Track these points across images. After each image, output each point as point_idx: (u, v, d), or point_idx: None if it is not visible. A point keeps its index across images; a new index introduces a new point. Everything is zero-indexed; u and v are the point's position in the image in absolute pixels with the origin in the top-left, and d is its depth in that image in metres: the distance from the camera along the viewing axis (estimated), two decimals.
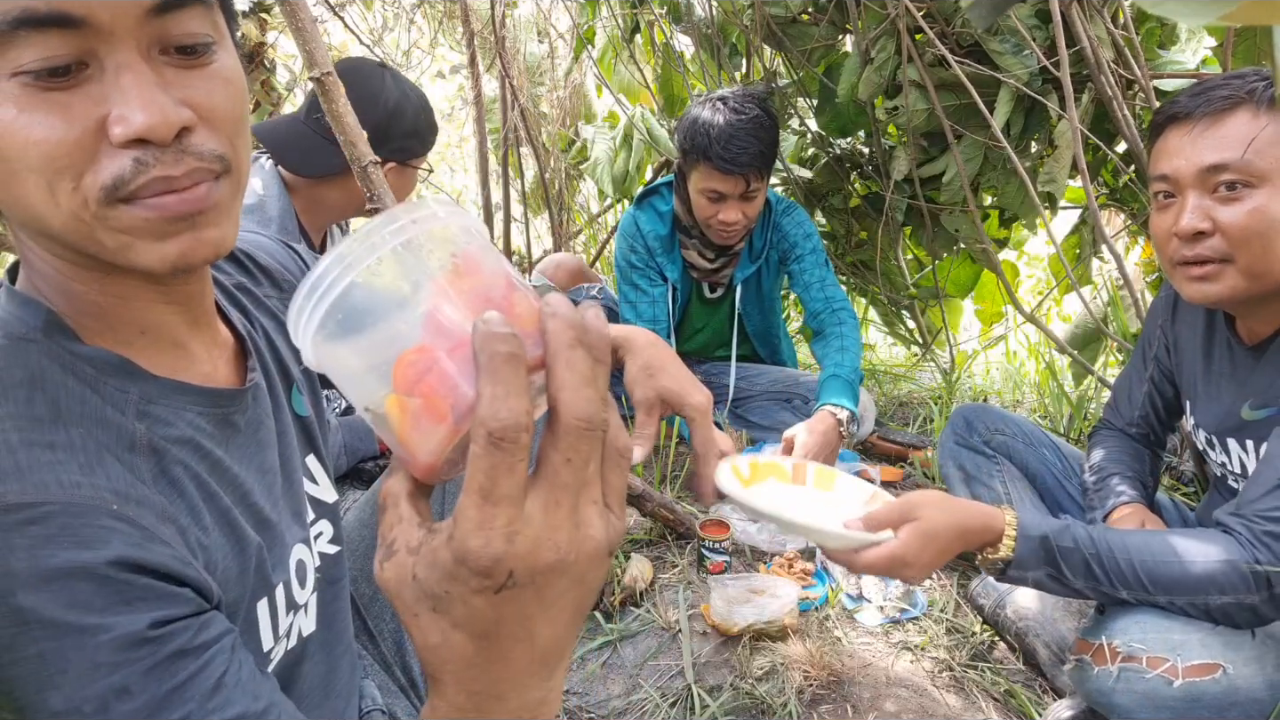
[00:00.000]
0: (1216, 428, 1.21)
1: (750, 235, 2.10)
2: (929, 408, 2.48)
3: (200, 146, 0.54)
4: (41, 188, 0.51)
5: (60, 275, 0.58)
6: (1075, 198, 2.35)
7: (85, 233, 0.53)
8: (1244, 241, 1.04)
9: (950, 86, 1.98)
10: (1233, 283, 1.06)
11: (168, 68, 0.53)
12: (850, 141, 2.55)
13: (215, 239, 0.57)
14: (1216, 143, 1.04)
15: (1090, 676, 1.08)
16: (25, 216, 0.54)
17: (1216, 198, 1.05)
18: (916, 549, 0.99)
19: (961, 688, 1.33)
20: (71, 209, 0.52)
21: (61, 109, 0.50)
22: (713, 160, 1.82)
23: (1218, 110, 1.05)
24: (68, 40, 0.49)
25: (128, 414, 0.57)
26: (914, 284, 2.66)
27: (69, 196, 0.51)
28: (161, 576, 0.51)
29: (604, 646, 1.44)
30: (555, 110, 3.55)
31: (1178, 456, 1.94)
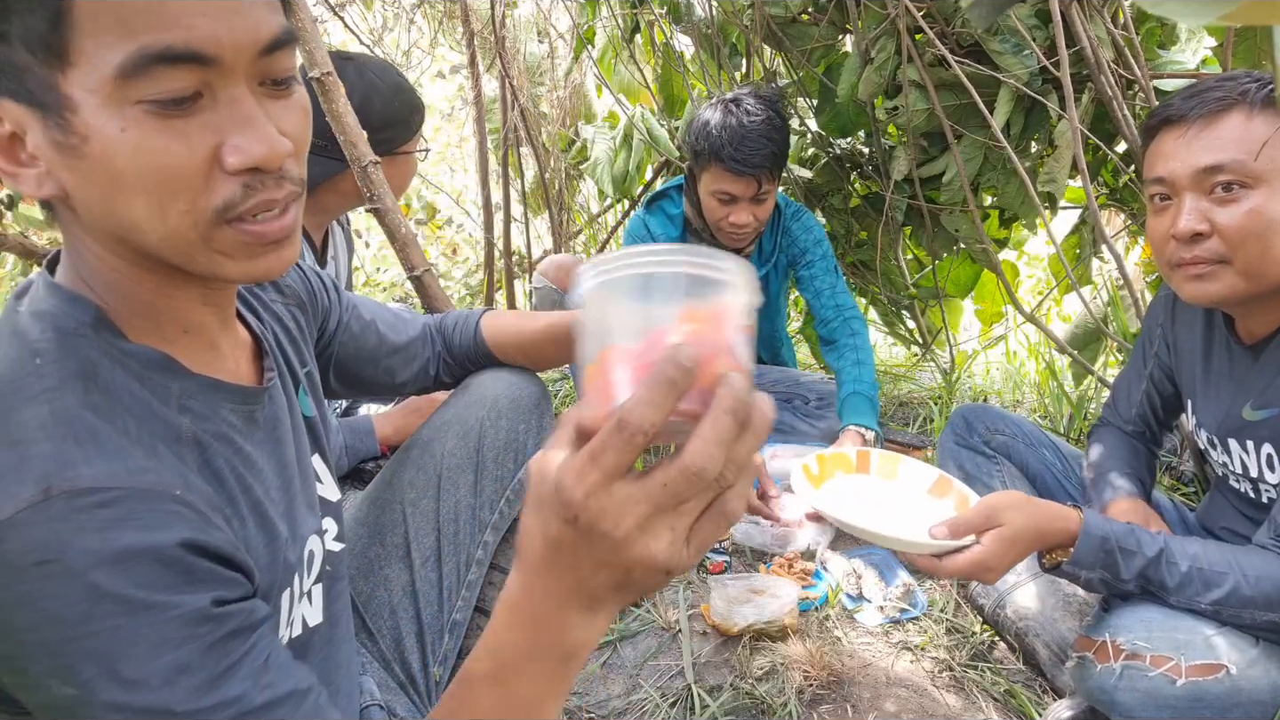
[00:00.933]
0: (1217, 428, 1.20)
1: (760, 238, 2.09)
2: (929, 407, 2.48)
3: (292, 172, 0.61)
4: (152, 206, 0.56)
5: (115, 274, 0.62)
6: (1075, 198, 2.35)
7: (182, 248, 0.58)
8: (1241, 242, 1.04)
9: (950, 86, 1.98)
10: (1231, 283, 1.06)
11: (265, 99, 0.59)
12: (850, 141, 2.55)
13: (290, 257, 0.63)
14: (1212, 144, 1.04)
15: (1092, 674, 1.07)
16: (119, 227, 0.58)
17: (1213, 199, 1.05)
18: (1000, 554, 1.02)
19: (961, 688, 1.33)
20: (179, 228, 0.57)
21: (182, 136, 0.54)
22: (724, 162, 1.81)
23: (1212, 112, 1.04)
24: (193, 74, 0.54)
25: (171, 408, 0.61)
26: (914, 284, 2.65)
27: (180, 216, 0.56)
28: (219, 560, 0.55)
29: (604, 646, 1.44)
30: (555, 110, 3.54)
31: (1177, 456, 1.94)
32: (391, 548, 0.98)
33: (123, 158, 0.54)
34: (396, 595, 0.98)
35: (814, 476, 1.16)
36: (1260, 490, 1.16)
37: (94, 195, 0.56)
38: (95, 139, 0.53)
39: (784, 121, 1.87)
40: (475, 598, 1.02)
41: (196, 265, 0.60)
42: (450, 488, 1.01)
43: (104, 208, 0.57)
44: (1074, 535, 1.05)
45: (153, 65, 0.52)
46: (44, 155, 0.55)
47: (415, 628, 0.97)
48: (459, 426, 1.03)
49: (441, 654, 0.99)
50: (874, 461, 1.24)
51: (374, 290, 4.26)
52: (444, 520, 1.00)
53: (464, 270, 4.45)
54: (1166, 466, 1.93)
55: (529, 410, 1.07)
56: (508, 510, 1.05)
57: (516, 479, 1.06)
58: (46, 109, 0.53)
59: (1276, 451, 1.10)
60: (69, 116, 0.53)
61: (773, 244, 2.12)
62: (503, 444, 1.04)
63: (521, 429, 1.06)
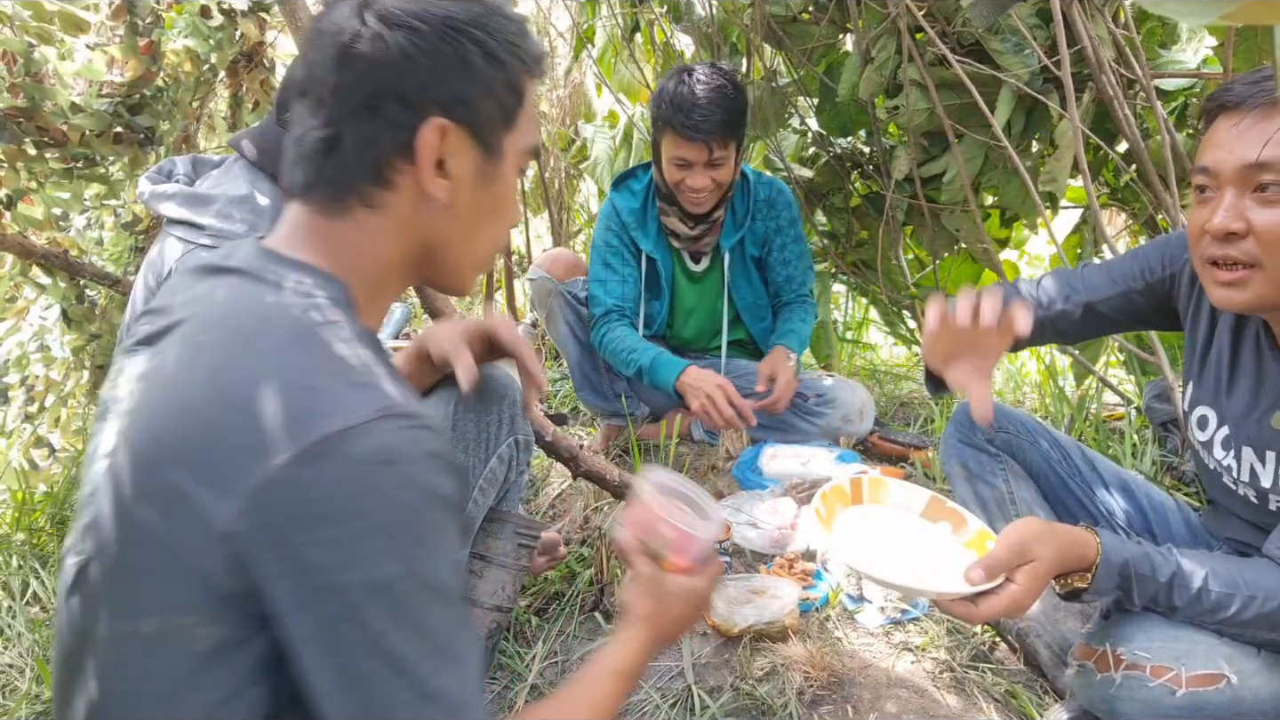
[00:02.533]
0: (1233, 430, 1.17)
1: (731, 203, 2.14)
2: (930, 408, 2.48)
3: None
4: (499, 233, 0.83)
5: (383, 270, 0.76)
6: (1076, 197, 2.35)
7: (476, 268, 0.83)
8: (1277, 247, 0.97)
9: (951, 86, 1.98)
10: (1260, 290, 1.01)
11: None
12: (851, 141, 2.55)
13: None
14: (1262, 139, 0.96)
15: (1092, 683, 1.07)
16: (462, 239, 0.79)
17: (1255, 198, 0.98)
18: (1034, 590, 0.99)
19: (962, 688, 1.33)
20: (491, 254, 0.85)
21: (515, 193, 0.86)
22: (676, 128, 1.90)
23: (1269, 102, 0.96)
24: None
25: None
26: (915, 283, 2.65)
27: (497, 248, 0.86)
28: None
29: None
30: (555, 109, 3.54)
31: (1179, 456, 1.94)
32: None
33: (506, 200, 0.81)
34: None
35: (823, 518, 1.14)
36: (1269, 500, 1.14)
37: (473, 213, 0.78)
38: (500, 180, 0.79)
39: (738, 90, 1.94)
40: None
41: (464, 275, 0.83)
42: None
43: (471, 224, 0.78)
44: (1091, 561, 1.02)
45: (534, 154, 0.82)
46: (460, 177, 0.74)
47: None
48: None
49: None
50: (864, 489, 1.22)
51: None
52: None
53: None
54: (1167, 467, 1.92)
55: (496, 402, 1.10)
56: (481, 499, 1.08)
57: (488, 468, 1.09)
58: (490, 151, 0.76)
59: None
60: (498, 161, 0.77)
61: (745, 208, 2.16)
62: (472, 437, 1.08)
63: (489, 420, 1.10)
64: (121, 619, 0.63)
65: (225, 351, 0.64)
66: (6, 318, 2.38)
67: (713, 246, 2.20)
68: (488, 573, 1.08)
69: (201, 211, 1.42)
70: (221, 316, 0.67)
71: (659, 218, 2.15)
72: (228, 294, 0.69)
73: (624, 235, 2.15)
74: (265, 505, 0.59)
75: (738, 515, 1.74)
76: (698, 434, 2.26)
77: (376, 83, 0.69)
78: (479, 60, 0.71)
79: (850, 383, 2.20)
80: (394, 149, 0.71)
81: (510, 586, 1.10)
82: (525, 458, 1.13)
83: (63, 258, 2.17)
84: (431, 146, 0.71)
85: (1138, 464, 1.91)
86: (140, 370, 0.69)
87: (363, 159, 0.71)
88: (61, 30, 1.96)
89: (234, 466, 0.59)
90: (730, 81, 1.93)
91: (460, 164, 0.73)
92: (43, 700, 1.42)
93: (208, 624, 0.62)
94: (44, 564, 1.80)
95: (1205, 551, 1.08)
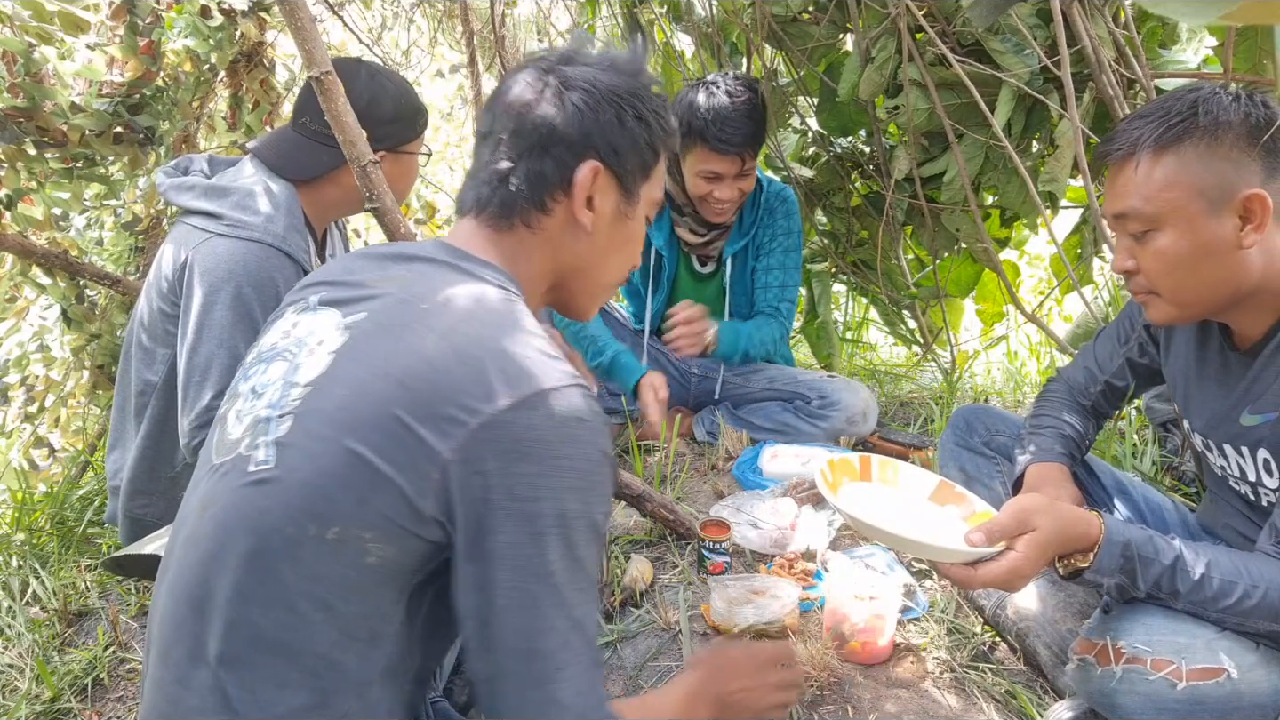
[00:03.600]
0: (1213, 433, 1.20)
1: (741, 212, 2.16)
2: (930, 408, 2.48)
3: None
4: (622, 266, 1.00)
5: (534, 284, 0.94)
6: (1076, 197, 2.35)
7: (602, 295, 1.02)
8: (1158, 278, 1.10)
9: (951, 85, 1.97)
10: (1168, 310, 1.13)
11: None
12: (851, 140, 2.54)
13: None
14: (1118, 192, 1.11)
15: (1093, 677, 1.07)
16: (590, 269, 0.96)
17: (1134, 239, 1.11)
18: (1033, 560, 1.01)
19: (962, 688, 1.33)
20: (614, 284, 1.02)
21: (643, 237, 1.02)
22: (709, 142, 1.90)
23: (1116, 160, 1.11)
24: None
25: None
26: (915, 283, 2.65)
27: (620, 279, 1.02)
28: None
29: (604, 647, 1.43)
30: None
31: (1178, 457, 1.94)
32: None
33: (632, 234, 0.98)
34: None
35: (829, 482, 1.15)
36: (1260, 494, 1.16)
37: (608, 245, 0.95)
38: (633, 220, 0.96)
39: (763, 101, 1.96)
40: None
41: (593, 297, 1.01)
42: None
43: (605, 253, 0.96)
44: (1095, 541, 1.03)
45: (659, 203, 1.00)
46: (603, 212, 0.92)
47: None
48: None
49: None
50: (874, 468, 1.25)
51: None
52: None
53: None
54: (1168, 467, 1.92)
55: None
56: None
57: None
58: (629, 195, 0.94)
59: (1273, 457, 1.10)
60: (634, 204, 0.95)
61: (753, 217, 2.17)
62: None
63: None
64: (309, 522, 0.73)
65: (452, 317, 0.79)
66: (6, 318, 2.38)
67: (719, 252, 2.21)
68: None
69: (220, 202, 1.48)
70: (439, 290, 0.82)
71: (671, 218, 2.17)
72: (438, 276, 0.85)
73: None
74: (485, 440, 0.72)
75: (738, 515, 1.74)
76: (699, 434, 2.26)
77: (552, 129, 0.88)
78: (632, 122, 0.91)
79: (853, 383, 2.20)
80: (557, 182, 0.89)
81: None
82: None
83: (63, 258, 2.17)
84: (586, 183, 0.89)
85: (1137, 464, 1.90)
86: (344, 322, 0.82)
87: (531, 187, 0.89)
88: (61, 30, 1.95)
89: (462, 406, 0.72)
90: (754, 90, 1.95)
91: (604, 201, 0.92)
92: (42, 700, 1.42)
93: (382, 542, 0.73)
94: (44, 564, 1.80)
95: (1207, 543, 1.09)
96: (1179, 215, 1.05)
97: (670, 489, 1.93)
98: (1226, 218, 1.04)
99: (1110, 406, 1.46)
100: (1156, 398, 2.07)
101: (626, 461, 2.10)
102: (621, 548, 1.69)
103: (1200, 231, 1.05)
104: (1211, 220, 1.04)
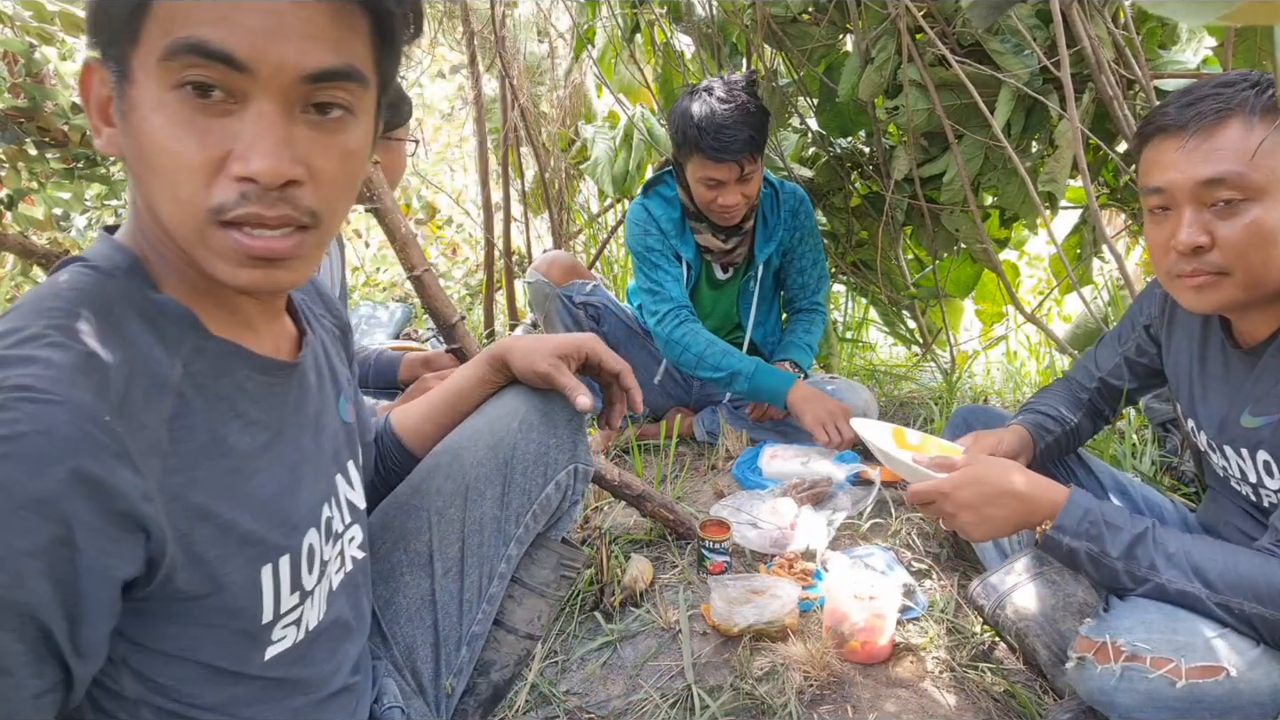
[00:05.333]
0: (1215, 434, 1.20)
1: (764, 215, 2.16)
2: (929, 408, 2.48)
3: (299, 200, 0.62)
4: (164, 187, 0.61)
5: (161, 239, 0.66)
6: (1076, 197, 2.35)
7: (185, 235, 0.62)
8: (1242, 255, 1.02)
9: (951, 86, 1.97)
10: (1231, 294, 1.06)
11: (302, 126, 0.61)
12: (851, 141, 2.54)
13: (287, 280, 0.65)
14: (1211, 156, 1.02)
15: (1092, 675, 1.07)
16: (146, 197, 0.63)
17: (1213, 211, 1.03)
18: (957, 486, 1.13)
19: (962, 688, 1.33)
20: (181, 215, 0.61)
21: (200, 133, 0.59)
22: (705, 151, 1.89)
23: (1211, 123, 1.02)
24: (227, 75, 0.58)
25: (174, 357, 0.63)
26: (914, 284, 2.65)
27: (184, 205, 0.61)
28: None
29: (604, 647, 1.44)
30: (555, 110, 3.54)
31: (1178, 457, 1.94)
32: (414, 554, 0.96)
33: (148, 135, 0.59)
34: (415, 603, 0.96)
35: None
36: (1261, 495, 1.16)
37: (133, 164, 0.63)
38: (136, 113, 0.60)
39: (758, 102, 1.95)
40: (495, 611, 1.01)
41: (195, 255, 0.63)
42: (477, 499, 0.98)
43: (138, 176, 0.63)
44: (1057, 507, 1.08)
45: (189, 54, 0.57)
46: (117, 119, 0.63)
47: (431, 637, 0.96)
48: (489, 436, 1.00)
49: (457, 665, 0.98)
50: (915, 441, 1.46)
51: (374, 290, 4.26)
52: (469, 531, 0.97)
53: (464, 270, 4.45)
54: (1167, 467, 1.92)
55: (562, 426, 1.03)
56: (533, 524, 1.02)
57: (544, 493, 1.02)
58: (121, 78, 0.61)
59: (1274, 459, 1.10)
60: (128, 88, 0.60)
61: (776, 219, 2.18)
62: (533, 458, 1.01)
63: (553, 444, 1.02)
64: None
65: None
66: None
67: (744, 257, 2.21)
68: (526, 600, 1.03)
69: None
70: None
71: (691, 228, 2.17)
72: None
73: (665, 241, 2.15)
74: None
75: (738, 515, 1.74)
76: (699, 434, 2.26)
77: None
78: None
79: (854, 384, 2.20)
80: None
81: (546, 615, 1.06)
82: (581, 487, 1.07)
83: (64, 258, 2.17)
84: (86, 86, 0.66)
85: (1137, 464, 1.91)
86: None
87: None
88: (62, 30, 1.96)
89: None
90: (750, 94, 1.94)
91: (116, 103, 0.63)
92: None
93: None
94: None
95: (1189, 534, 1.10)
96: (1278, 186, 1.00)
97: (670, 489, 1.93)
98: None
99: (1107, 406, 1.46)
100: (1156, 397, 2.07)
101: (627, 461, 2.11)
102: (622, 547, 1.69)
103: None
104: None
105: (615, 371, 1.06)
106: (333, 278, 1.71)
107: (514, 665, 1.03)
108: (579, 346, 1.04)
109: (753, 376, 2.02)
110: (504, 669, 1.02)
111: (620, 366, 1.06)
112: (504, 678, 1.02)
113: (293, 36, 0.59)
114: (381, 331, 2.98)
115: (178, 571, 0.60)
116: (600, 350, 1.05)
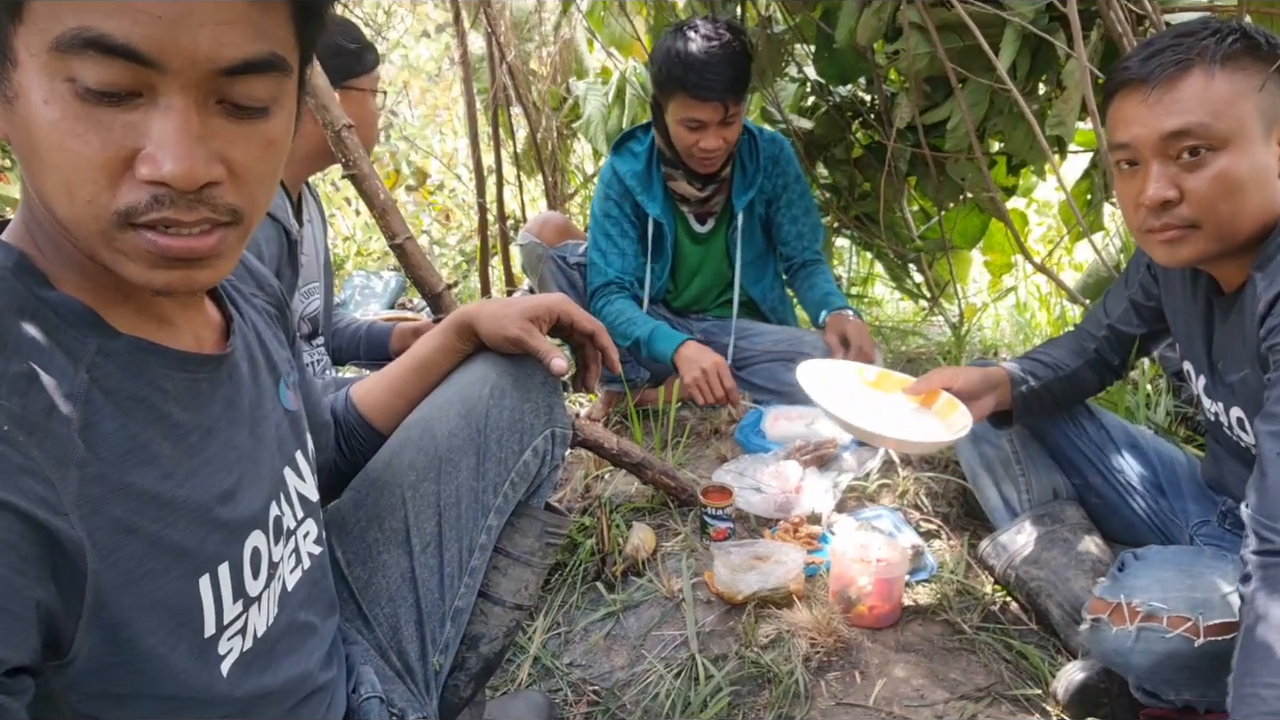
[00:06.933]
0: (1203, 380, 1.19)
1: (742, 163, 2.10)
2: (938, 363, 2.44)
3: (218, 199, 0.56)
4: (59, 185, 0.54)
5: (57, 232, 0.59)
6: (1085, 141, 2.27)
7: (84, 236, 0.56)
8: (1211, 206, 1.01)
9: (953, 28, 1.90)
10: (1204, 246, 1.04)
11: (217, 118, 0.55)
12: (850, 89, 2.47)
13: (206, 279, 0.60)
14: (1174, 108, 1.00)
15: (1107, 637, 1.04)
16: (41, 198, 0.57)
17: (1180, 164, 1.02)
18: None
19: (973, 650, 1.31)
20: (82, 216, 0.54)
21: (102, 129, 0.52)
22: (689, 89, 1.84)
23: (1172, 74, 1.00)
24: (132, 72, 0.51)
25: (79, 363, 0.57)
26: (920, 236, 2.60)
27: (83, 205, 0.54)
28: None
29: (606, 618, 1.41)
30: (545, 67, 3.44)
31: (1193, 406, 1.89)
32: (390, 533, 0.93)
33: (39, 129, 0.52)
34: (395, 582, 0.93)
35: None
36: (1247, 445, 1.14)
37: (19, 154, 0.56)
38: (22, 101, 0.53)
39: (743, 43, 1.89)
40: (479, 584, 0.98)
41: (99, 257, 0.57)
42: (451, 471, 0.95)
43: (25, 168, 0.56)
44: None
45: (86, 48, 0.50)
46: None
47: (414, 616, 0.93)
48: (461, 406, 0.96)
49: (443, 642, 0.95)
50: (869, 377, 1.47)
51: (365, 259, 4.20)
52: (445, 505, 0.94)
53: (458, 236, 4.39)
54: (1182, 417, 1.89)
55: (536, 390, 1.00)
56: (512, 493, 0.99)
57: (521, 461, 0.99)
58: (2, 58, 0.53)
59: (1245, 415, 1.08)
60: (10, 71, 0.53)
61: (755, 165, 2.11)
62: (507, 425, 0.97)
63: (527, 409, 0.99)
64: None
65: None
66: None
67: (721, 206, 2.15)
68: (512, 570, 1.01)
69: None
70: None
71: (664, 181, 2.10)
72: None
73: (625, 203, 2.09)
74: None
75: (741, 480, 1.70)
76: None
77: None
78: None
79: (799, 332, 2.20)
80: None
81: (533, 585, 1.04)
82: (560, 452, 1.03)
83: None
84: None
85: (1151, 415, 1.87)
86: None
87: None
88: None
89: None
90: (735, 34, 1.87)
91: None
92: None
93: None
94: None
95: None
96: (1243, 134, 0.99)
97: (671, 455, 1.90)
98: (1273, 145, 1.00)
99: (1117, 355, 1.41)
100: (1169, 346, 2.02)
101: (626, 428, 2.07)
102: (623, 516, 1.66)
103: (1255, 155, 0.99)
104: (1263, 146, 1.00)
105: (589, 332, 1.02)
106: (316, 248, 1.66)
107: (503, 637, 1.01)
108: (549, 307, 0.99)
109: (649, 342, 1.99)
110: (493, 641, 1.00)
111: (594, 326, 1.02)
112: (494, 650, 1.00)
113: (205, 23, 0.52)
114: (377, 302, 2.94)
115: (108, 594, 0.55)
116: (572, 310, 1.01)
